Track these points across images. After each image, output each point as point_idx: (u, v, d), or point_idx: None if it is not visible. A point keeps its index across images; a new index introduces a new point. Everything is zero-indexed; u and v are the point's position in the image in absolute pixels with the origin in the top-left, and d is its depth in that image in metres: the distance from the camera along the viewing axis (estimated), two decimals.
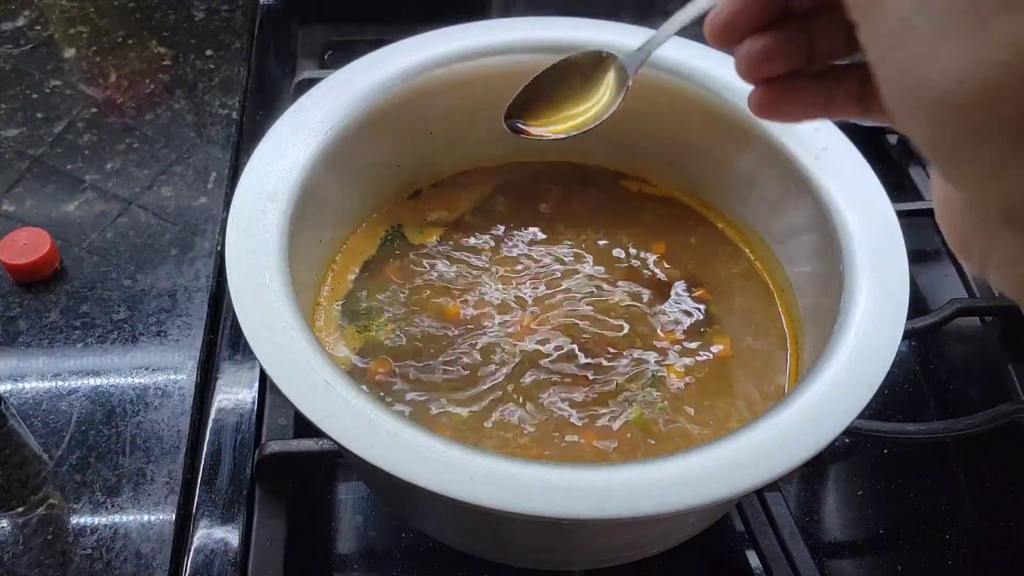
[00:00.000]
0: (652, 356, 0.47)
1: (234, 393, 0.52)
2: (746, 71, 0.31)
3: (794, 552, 0.45)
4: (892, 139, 0.71)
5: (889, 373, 0.38)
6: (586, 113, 0.43)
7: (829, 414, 0.37)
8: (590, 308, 0.49)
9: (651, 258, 0.52)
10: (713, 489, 0.34)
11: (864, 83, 0.32)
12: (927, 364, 0.58)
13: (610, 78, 0.43)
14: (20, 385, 0.51)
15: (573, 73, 0.43)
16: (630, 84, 0.42)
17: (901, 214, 0.44)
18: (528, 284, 0.50)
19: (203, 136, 0.66)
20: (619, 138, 0.55)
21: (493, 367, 0.46)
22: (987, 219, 0.23)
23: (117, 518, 0.46)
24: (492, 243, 0.52)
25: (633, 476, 0.34)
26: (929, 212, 0.65)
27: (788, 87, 0.31)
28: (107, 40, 0.74)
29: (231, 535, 0.46)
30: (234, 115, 0.68)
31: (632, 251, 0.52)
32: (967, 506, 0.52)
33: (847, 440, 0.53)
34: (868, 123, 0.34)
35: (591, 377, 0.46)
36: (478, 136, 0.55)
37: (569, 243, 0.52)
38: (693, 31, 0.49)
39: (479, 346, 0.47)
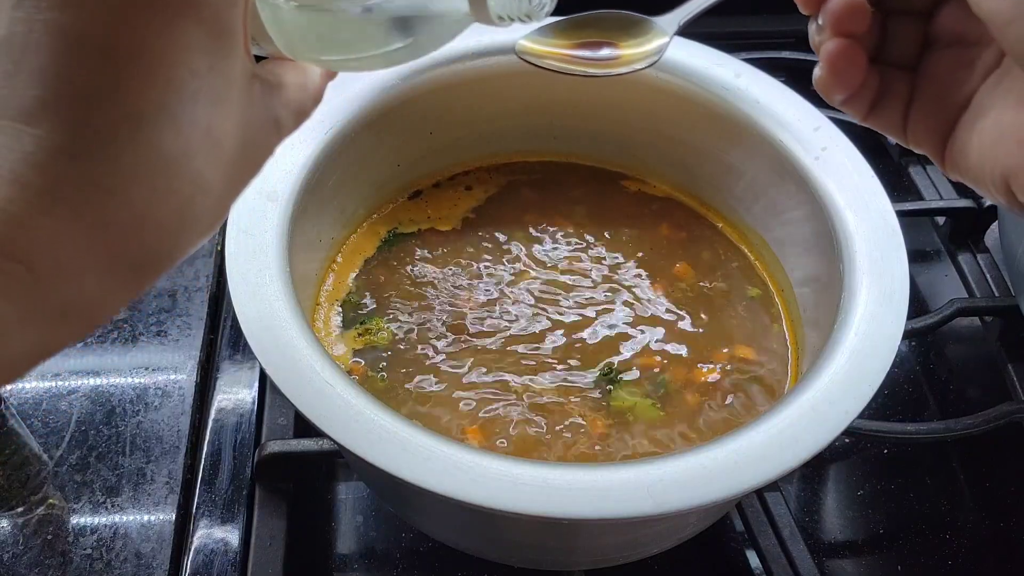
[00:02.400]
0: (651, 355, 0.47)
1: (234, 393, 0.52)
2: (834, 20, 0.32)
3: (794, 552, 0.45)
4: (892, 139, 0.71)
5: (889, 373, 0.38)
6: (619, 61, 0.40)
7: (829, 414, 0.37)
8: (590, 308, 0.49)
9: (650, 258, 0.52)
10: (713, 489, 0.34)
11: (912, 103, 0.33)
12: (927, 364, 0.58)
13: (644, 39, 0.40)
14: (20, 385, 0.51)
15: (600, 28, 0.41)
16: (669, 42, 0.40)
17: (901, 214, 0.45)
18: (528, 284, 0.50)
19: None
20: (619, 138, 0.55)
21: (492, 366, 0.46)
22: None
23: (117, 518, 0.46)
24: (492, 243, 0.52)
25: (633, 476, 0.34)
26: (929, 212, 0.65)
27: (859, 52, 0.32)
28: None
29: (231, 535, 0.46)
30: None
31: (632, 251, 0.52)
32: (967, 506, 0.52)
33: (847, 440, 0.53)
34: (906, 144, 0.35)
35: (590, 376, 0.46)
36: (478, 136, 0.55)
37: (569, 243, 0.52)
38: (693, 31, 0.49)
39: (479, 346, 0.47)
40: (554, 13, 0.34)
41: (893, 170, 0.69)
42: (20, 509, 0.46)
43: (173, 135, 0.23)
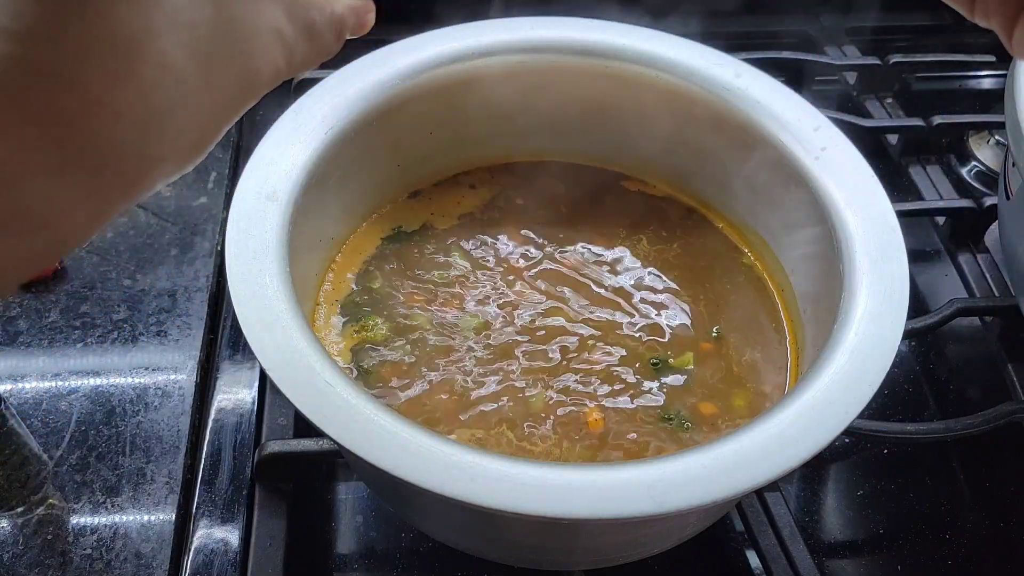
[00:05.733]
0: (651, 356, 0.47)
1: (234, 393, 0.52)
2: None
3: (794, 552, 0.45)
4: (892, 139, 0.71)
5: (889, 373, 0.38)
6: None
7: (829, 414, 0.37)
8: (591, 308, 0.49)
9: (651, 258, 0.52)
10: (713, 489, 0.34)
11: None
12: (927, 364, 0.58)
13: None
14: (20, 385, 0.51)
15: None
16: None
17: (901, 214, 0.44)
18: (528, 284, 0.50)
19: None
20: (619, 138, 0.55)
21: (492, 366, 0.46)
22: None
23: (117, 518, 0.46)
24: (492, 243, 0.52)
25: (633, 476, 0.34)
26: (929, 212, 0.65)
27: None
28: None
29: (231, 535, 0.46)
30: None
31: (631, 251, 0.52)
32: (967, 506, 0.52)
33: (847, 440, 0.53)
34: (971, 17, 0.31)
35: (589, 375, 0.46)
36: (478, 136, 0.55)
37: (569, 243, 0.52)
38: (693, 31, 0.50)
39: (478, 346, 0.47)
40: None
41: (893, 170, 0.69)
42: (20, 509, 0.46)
43: (127, 8, 0.20)
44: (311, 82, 0.50)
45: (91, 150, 0.20)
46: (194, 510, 0.46)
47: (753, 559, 0.47)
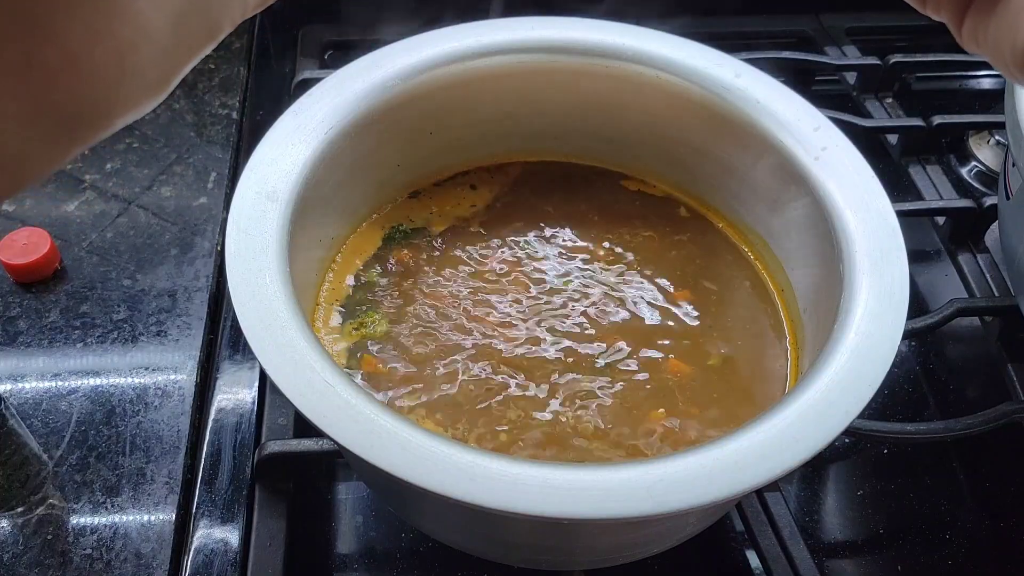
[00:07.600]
0: (651, 356, 0.47)
1: (234, 393, 0.52)
2: None
3: (794, 552, 0.45)
4: (892, 139, 0.71)
5: (889, 373, 0.38)
6: None
7: (829, 414, 0.37)
8: (590, 308, 0.49)
9: (650, 258, 0.52)
10: (713, 489, 0.34)
11: None
12: (927, 364, 0.58)
13: None
14: (20, 385, 0.51)
15: None
16: None
17: (901, 214, 0.44)
18: (527, 284, 0.50)
19: (203, 136, 0.66)
20: (619, 138, 0.55)
21: (492, 364, 0.46)
22: None
23: (117, 518, 0.46)
24: (492, 243, 0.52)
25: (633, 476, 0.34)
26: (929, 212, 0.65)
27: None
28: None
29: (231, 535, 0.46)
30: (234, 115, 0.68)
31: (632, 251, 0.52)
32: (967, 506, 0.52)
33: (847, 440, 0.53)
34: (923, 11, 0.32)
35: (587, 375, 0.46)
36: (478, 136, 0.55)
37: (569, 244, 0.52)
38: (693, 31, 0.50)
39: (477, 345, 0.47)
40: None
41: (893, 170, 0.69)
42: (20, 509, 0.46)
43: None
44: (311, 82, 0.50)
45: (64, 104, 0.20)
46: (194, 510, 0.47)
47: (753, 559, 0.47)
